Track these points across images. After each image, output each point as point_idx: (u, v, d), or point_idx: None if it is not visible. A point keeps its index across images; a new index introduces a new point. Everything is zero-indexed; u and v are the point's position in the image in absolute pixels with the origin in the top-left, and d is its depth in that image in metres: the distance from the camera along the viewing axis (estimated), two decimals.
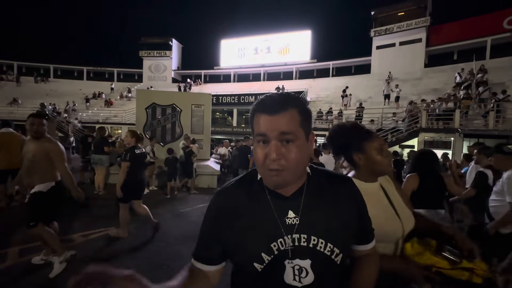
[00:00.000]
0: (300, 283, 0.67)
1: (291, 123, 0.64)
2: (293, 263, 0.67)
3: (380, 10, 23.15)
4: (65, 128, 17.40)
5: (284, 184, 0.67)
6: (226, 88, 26.69)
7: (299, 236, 0.67)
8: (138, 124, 8.76)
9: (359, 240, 0.78)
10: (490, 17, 19.35)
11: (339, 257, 0.69)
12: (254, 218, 0.70)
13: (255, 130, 0.67)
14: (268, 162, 0.64)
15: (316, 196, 0.71)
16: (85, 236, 3.74)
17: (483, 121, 10.32)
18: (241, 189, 0.75)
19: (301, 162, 0.66)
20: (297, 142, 0.64)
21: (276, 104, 0.65)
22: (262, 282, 0.69)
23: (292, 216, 0.68)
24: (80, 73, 33.33)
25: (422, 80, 18.90)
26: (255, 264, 0.67)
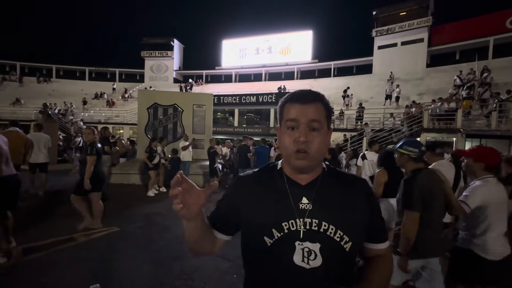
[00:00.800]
0: (308, 265, 0.71)
1: (319, 113, 0.73)
2: (303, 245, 0.72)
3: (382, 10, 23.09)
4: (69, 129, 17.48)
5: (307, 168, 0.75)
6: (227, 88, 26.71)
7: (311, 220, 0.73)
8: (140, 124, 8.79)
9: (371, 238, 0.81)
10: (493, 16, 19.25)
11: (348, 245, 0.72)
12: (270, 199, 0.77)
13: (285, 117, 0.76)
14: (296, 145, 0.72)
15: (330, 187, 0.78)
16: (87, 235, 3.75)
17: (485, 121, 10.26)
18: (262, 175, 0.84)
19: (322, 149, 0.74)
20: (322, 131, 0.74)
21: (308, 96, 0.75)
22: (271, 258, 0.74)
23: (306, 202, 0.75)
24: (82, 74, 33.48)
25: (424, 80, 18.83)
26: (265, 238, 0.73)
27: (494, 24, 18.91)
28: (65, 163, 10.37)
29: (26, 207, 4.97)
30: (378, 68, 22.83)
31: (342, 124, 15.10)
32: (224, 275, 2.87)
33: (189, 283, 2.68)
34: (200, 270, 2.93)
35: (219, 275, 2.86)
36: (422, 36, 21.35)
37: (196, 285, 2.65)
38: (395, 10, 22.49)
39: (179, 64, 33.95)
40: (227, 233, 0.84)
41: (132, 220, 4.52)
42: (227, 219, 0.83)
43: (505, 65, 16.05)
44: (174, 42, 32.58)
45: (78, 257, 3.12)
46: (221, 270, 2.96)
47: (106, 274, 2.80)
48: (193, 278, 2.76)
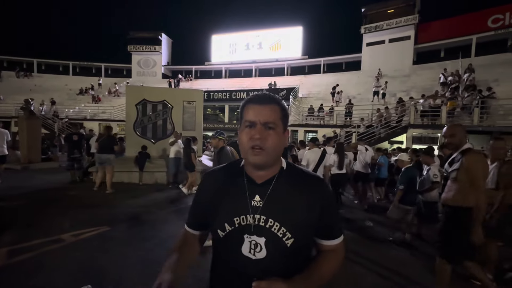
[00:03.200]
0: (254, 256, 0.80)
1: (274, 114, 0.80)
2: (251, 238, 0.80)
3: (370, 7, 23.36)
4: (52, 126, 16.87)
5: (262, 164, 0.80)
6: (217, 84, 26.45)
7: (260, 217, 0.80)
8: (128, 120, 8.59)
9: (322, 234, 0.87)
10: (475, 15, 19.87)
11: (290, 241, 0.79)
12: (229, 195, 0.85)
13: (244, 117, 0.82)
14: (252, 141, 0.78)
15: (284, 186, 0.83)
16: (76, 236, 3.66)
17: (469, 117, 10.65)
18: (225, 171, 0.92)
19: (277, 147, 0.80)
20: (277, 130, 0.80)
21: (265, 98, 0.82)
22: (223, 248, 0.85)
23: (258, 200, 0.82)
24: (66, 68, 32.30)
25: (411, 77, 19.27)
26: (218, 231, 0.83)
27: (476, 23, 19.53)
28: (49, 161, 10.03)
29: (10, 207, 4.80)
30: (366, 65, 23.18)
31: (332, 120, 15.29)
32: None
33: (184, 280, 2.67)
34: (194, 268, 2.92)
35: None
36: (409, 34, 21.80)
37: (191, 283, 2.64)
38: (383, 8, 22.81)
39: (168, 59, 33.28)
40: (200, 228, 0.95)
41: (123, 219, 4.44)
42: (198, 216, 0.93)
43: (487, 63, 16.64)
44: (162, 36, 31.85)
45: (68, 258, 3.05)
46: None
47: (97, 274, 2.74)
48: (187, 276, 2.75)
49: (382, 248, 3.80)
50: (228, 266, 0.84)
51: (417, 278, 2.96)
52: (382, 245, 3.89)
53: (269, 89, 20.45)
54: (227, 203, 0.84)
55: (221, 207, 0.84)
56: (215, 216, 0.85)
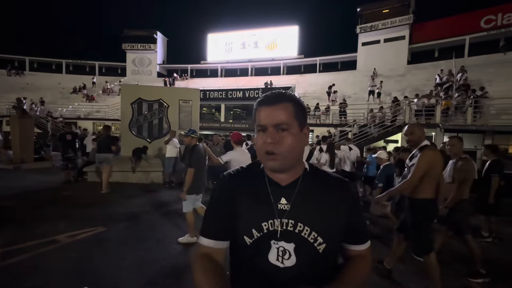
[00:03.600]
0: (282, 264, 0.73)
1: (286, 114, 0.73)
2: (278, 244, 0.74)
3: (366, 7, 23.49)
4: (45, 125, 16.61)
5: (279, 168, 0.75)
6: (213, 83, 26.33)
7: (287, 221, 0.75)
8: (123, 119, 8.49)
9: (350, 239, 0.82)
10: (469, 16, 20.13)
11: (322, 247, 0.74)
12: (252, 199, 0.78)
13: (256, 121, 0.77)
14: (265, 146, 0.73)
15: (310, 189, 0.78)
16: (71, 236, 3.61)
17: (462, 117, 10.81)
18: (245, 174, 0.85)
19: (294, 149, 0.74)
20: (292, 131, 0.73)
21: (273, 98, 0.76)
22: (249, 256, 0.77)
23: (284, 203, 0.76)
24: (59, 66, 31.80)
25: (406, 76, 19.46)
26: (245, 238, 0.76)
27: (470, 24, 19.80)
28: (42, 161, 9.87)
29: (3, 208, 4.71)
30: (362, 64, 23.32)
31: (328, 120, 15.36)
32: None
33: (180, 283, 2.65)
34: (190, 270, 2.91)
35: None
36: (404, 34, 22.00)
37: (188, 284, 2.63)
38: (378, 8, 22.96)
39: (163, 58, 33.01)
40: (227, 238, 0.82)
41: (119, 219, 4.40)
42: (224, 223, 0.80)
43: (480, 63, 16.90)
44: (157, 34, 31.57)
45: (63, 259, 3.00)
46: None
47: (94, 276, 2.71)
48: (184, 278, 2.73)
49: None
50: (253, 275, 0.77)
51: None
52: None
53: (265, 88, 20.44)
54: (252, 207, 0.77)
55: (246, 212, 0.77)
56: (240, 221, 0.77)
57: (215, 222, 0.82)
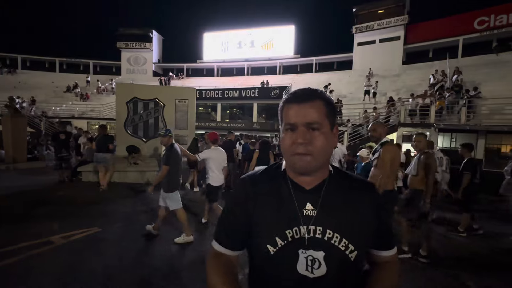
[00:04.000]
0: (312, 274, 0.69)
1: (317, 112, 0.69)
2: (306, 253, 0.69)
3: (361, 8, 23.62)
4: (39, 124, 16.35)
5: (308, 169, 0.70)
6: (209, 82, 26.24)
7: (315, 228, 0.70)
8: (118, 119, 8.41)
9: (378, 245, 0.79)
10: (462, 17, 20.38)
11: (354, 254, 0.70)
12: (274, 205, 0.73)
13: (284, 119, 0.72)
14: (295, 147, 0.69)
15: (336, 193, 0.74)
16: (66, 237, 3.56)
17: (456, 117, 10.95)
18: (265, 176, 0.80)
19: (325, 149, 0.70)
20: (323, 130, 0.70)
21: (304, 95, 0.71)
22: (275, 266, 0.71)
23: (310, 208, 0.71)
24: (52, 65, 31.33)
25: (401, 76, 19.63)
26: (268, 246, 0.71)
27: (463, 25, 20.05)
28: (36, 161, 9.73)
29: None
30: (358, 64, 23.46)
31: None
32: None
33: (177, 282, 2.64)
34: (189, 269, 2.90)
35: None
36: (399, 34, 22.18)
37: (185, 284, 2.61)
38: (373, 8, 23.10)
39: (159, 57, 32.76)
40: (241, 248, 0.80)
41: (113, 220, 4.35)
42: (240, 232, 0.77)
43: (473, 63, 17.12)
44: (153, 33, 31.32)
45: (58, 260, 2.96)
46: None
47: (89, 277, 2.68)
48: (182, 277, 2.72)
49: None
50: (280, 287, 0.72)
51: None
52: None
53: (261, 88, 20.43)
54: (274, 213, 0.72)
55: (268, 218, 0.73)
56: (261, 229, 0.73)
57: (230, 230, 0.79)
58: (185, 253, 3.27)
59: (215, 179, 4.03)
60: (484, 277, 2.98)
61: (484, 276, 3.00)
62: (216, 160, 4.04)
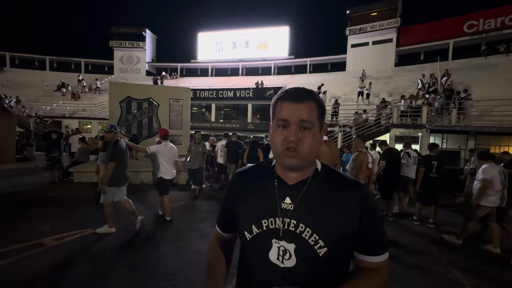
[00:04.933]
0: (282, 263, 0.73)
1: (310, 113, 0.73)
2: (279, 244, 0.74)
3: (355, 10, 23.90)
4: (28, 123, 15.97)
5: (297, 166, 0.74)
6: (203, 82, 26.10)
7: (290, 221, 0.74)
8: (111, 118, 8.29)
9: (361, 248, 0.76)
10: (452, 21, 20.86)
11: (323, 250, 0.71)
12: (258, 196, 0.81)
13: (277, 116, 0.75)
14: (285, 144, 0.72)
15: (318, 190, 0.76)
16: (58, 239, 3.47)
17: (447, 118, 11.18)
18: (255, 171, 0.88)
19: (313, 149, 0.74)
20: (313, 131, 0.73)
21: (300, 95, 0.74)
22: (250, 251, 0.80)
23: (288, 202, 0.76)
24: (42, 63, 30.63)
25: (393, 78, 19.93)
26: (245, 232, 0.79)
27: (453, 28, 20.52)
28: (25, 161, 9.48)
29: None
30: (351, 66, 23.72)
31: None
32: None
33: (175, 283, 2.61)
34: (186, 270, 2.87)
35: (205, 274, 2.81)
36: (391, 37, 22.53)
37: (182, 285, 2.58)
38: (367, 11, 23.41)
39: (152, 56, 32.42)
40: (231, 230, 0.94)
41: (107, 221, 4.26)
42: (230, 217, 0.88)
43: (463, 66, 17.53)
44: (146, 32, 30.97)
45: (50, 263, 2.88)
46: None
47: (83, 280, 2.62)
48: (179, 278, 2.69)
49: None
50: (254, 271, 0.78)
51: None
52: None
53: (256, 88, 20.43)
54: (256, 204, 0.79)
55: (249, 208, 0.80)
56: (243, 217, 0.81)
57: (224, 216, 0.92)
58: (182, 254, 3.24)
59: (165, 173, 4.29)
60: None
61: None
62: (165, 154, 4.30)
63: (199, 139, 5.97)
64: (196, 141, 5.94)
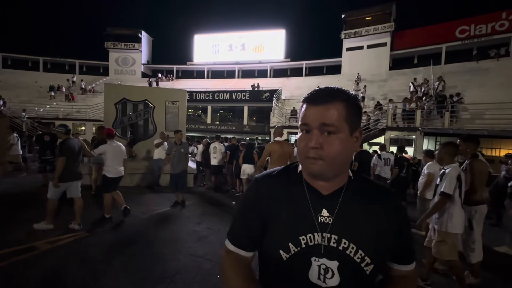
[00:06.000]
0: (324, 283, 0.66)
1: (334, 115, 0.64)
2: (319, 262, 0.67)
3: (350, 14, 24.23)
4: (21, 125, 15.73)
5: (320, 174, 0.67)
6: (199, 85, 26.10)
7: (330, 236, 0.67)
8: (106, 120, 8.20)
9: (397, 258, 0.74)
10: (445, 26, 21.29)
11: (370, 268, 0.66)
12: (288, 208, 0.71)
13: (300, 120, 0.70)
14: (307, 150, 0.66)
15: (355, 201, 0.70)
16: (52, 243, 3.42)
17: (440, 121, 11.37)
18: (280, 178, 0.76)
19: (340, 155, 0.65)
20: (339, 135, 0.65)
21: (322, 96, 0.67)
22: (286, 273, 0.70)
23: (326, 215, 0.68)
24: (36, 64, 30.26)
25: (387, 81, 20.22)
26: (281, 252, 0.68)
27: (446, 33, 20.95)
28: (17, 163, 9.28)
29: None
30: (346, 69, 23.99)
31: None
32: (208, 276, 2.81)
33: (171, 286, 2.59)
34: (182, 272, 2.85)
35: (202, 277, 2.80)
36: (386, 41, 22.88)
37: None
38: (361, 15, 23.75)
39: (148, 58, 32.31)
40: (250, 248, 0.77)
41: (103, 224, 4.23)
42: (253, 234, 0.75)
43: (455, 70, 17.87)
44: (142, 34, 30.88)
45: (43, 267, 2.83)
46: (204, 271, 2.90)
47: (77, 284, 2.58)
48: (176, 281, 2.67)
49: None
50: None
51: None
52: None
53: (252, 91, 20.50)
54: (288, 217, 0.70)
55: (281, 222, 0.70)
56: (273, 233, 0.70)
57: (244, 231, 0.77)
58: (178, 257, 3.21)
59: (110, 171, 4.39)
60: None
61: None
62: (111, 153, 4.41)
63: (180, 139, 5.47)
64: (177, 141, 5.43)
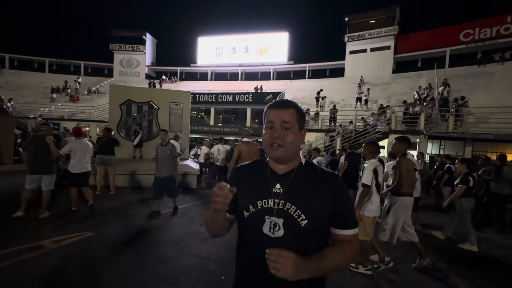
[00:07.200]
0: (273, 234, 0.92)
1: (290, 116, 0.95)
2: (271, 219, 0.93)
3: (353, 17, 24.26)
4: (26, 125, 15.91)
5: (281, 157, 0.95)
6: (203, 86, 26.21)
7: (279, 201, 0.94)
8: (111, 121, 8.29)
9: (335, 223, 0.95)
10: (449, 29, 21.23)
11: (304, 222, 0.91)
12: (254, 183, 1.00)
13: (266, 120, 0.97)
14: (272, 139, 0.93)
15: (301, 178, 0.97)
16: (57, 242, 3.45)
17: (445, 124, 11.29)
18: (252, 166, 1.08)
19: (294, 144, 0.94)
20: (293, 130, 0.94)
21: (282, 103, 0.98)
22: (247, 227, 0.98)
23: (278, 187, 0.96)
24: (42, 65, 30.63)
25: (391, 85, 20.16)
26: (244, 211, 0.98)
27: (450, 36, 20.89)
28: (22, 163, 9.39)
29: None
30: (349, 72, 23.96)
31: (316, 125, 15.60)
32: (211, 277, 2.82)
33: (175, 286, 2.60)
34: (186, 273, 2.86)
35: (206, 277, 2.80)
36: (389, 44, 22.85)
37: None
38: (365, 18, 23.77)
39: (152, 60, 32.56)
40: (232, 212, 1.03)
41: (107, 223, 4.26)
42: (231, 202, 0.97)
43: (459, 73, 17.78)
44: (147, 36, 31.16)
45: (49, 266, 2.86)
46: (208, 272, 2.91)
47: (82, 283, 2.60)
48: (180, 282, 2.68)
49: None
50: (250, 243, 0.98)
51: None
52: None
53: (255, 93, 20.55)
54: (252, 189, 0.99)
55: (247, 192, 0.98)
56: (241, 200, 0.98)
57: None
58: (182, 258, 3.23)
59: (74, 167, 4.70)
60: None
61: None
62: (77, 151, 4.70)
63: (165, 140, 4.80)
64: (163, 142, 4.78)
